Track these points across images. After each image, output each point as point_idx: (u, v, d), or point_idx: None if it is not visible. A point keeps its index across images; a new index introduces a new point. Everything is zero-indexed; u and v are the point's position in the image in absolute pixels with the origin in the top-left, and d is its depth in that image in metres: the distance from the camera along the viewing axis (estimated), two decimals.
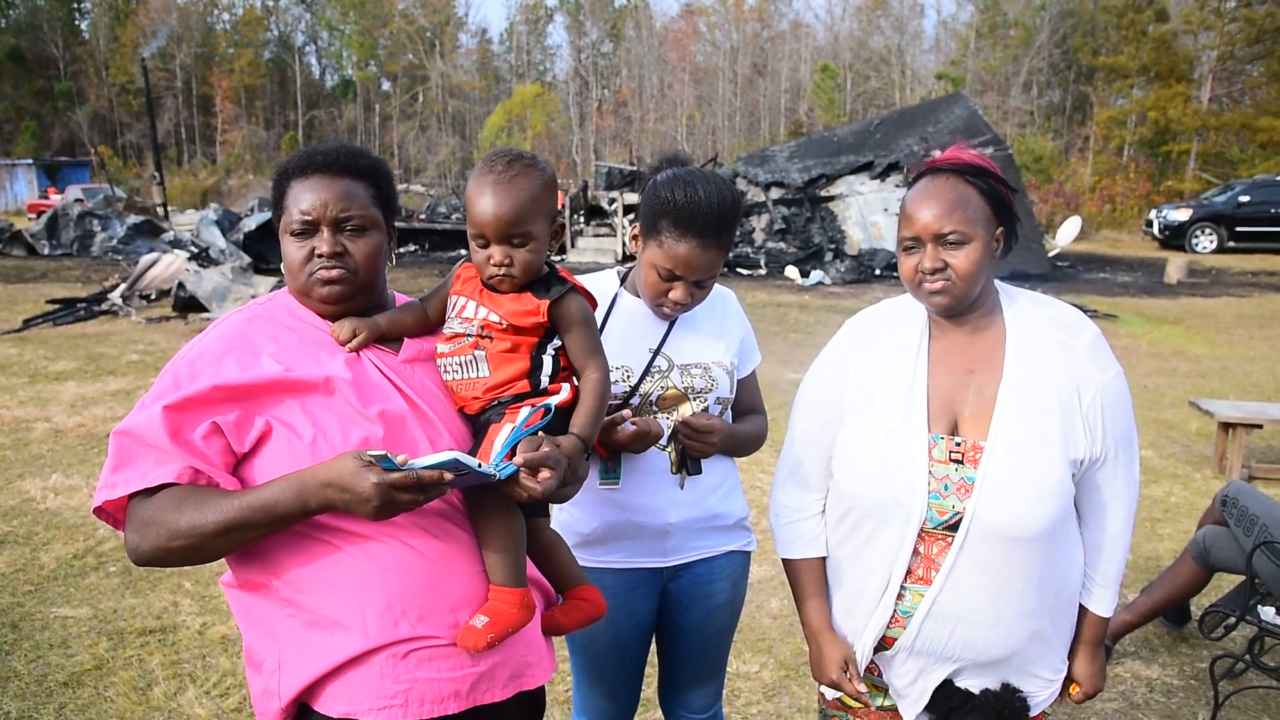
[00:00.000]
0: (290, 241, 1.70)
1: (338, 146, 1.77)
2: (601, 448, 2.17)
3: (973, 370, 1.92)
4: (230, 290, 13.02)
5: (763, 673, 3.92)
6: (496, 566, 1.64)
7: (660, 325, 2.26)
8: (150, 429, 1.54)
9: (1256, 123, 37.88)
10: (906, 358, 1.96)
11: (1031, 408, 1.85)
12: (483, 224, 1.69)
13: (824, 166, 21.25)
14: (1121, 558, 2.01)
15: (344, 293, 1.70)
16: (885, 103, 52.28)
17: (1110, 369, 1.90)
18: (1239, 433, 6.51)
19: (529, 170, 1.71)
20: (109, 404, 8.03)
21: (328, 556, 1.58)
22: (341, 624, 1.57)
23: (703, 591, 2.37)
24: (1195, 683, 3.89)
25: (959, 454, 1.87)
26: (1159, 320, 14.54)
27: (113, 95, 63.09)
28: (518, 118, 59.22)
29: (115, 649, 3.94)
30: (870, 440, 1.94)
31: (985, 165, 1.87)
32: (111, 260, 20.41)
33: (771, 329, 12.75)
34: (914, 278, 1.88)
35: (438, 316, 1.82)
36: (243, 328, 1.69)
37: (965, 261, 1.82)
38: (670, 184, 2.09)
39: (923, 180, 1.89)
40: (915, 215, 1.85)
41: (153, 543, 1.52)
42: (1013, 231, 1.92)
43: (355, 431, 1.58)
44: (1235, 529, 3.85)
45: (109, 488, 1.56)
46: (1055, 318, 1.94)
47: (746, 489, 5.95)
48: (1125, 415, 1.93)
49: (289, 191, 1.72)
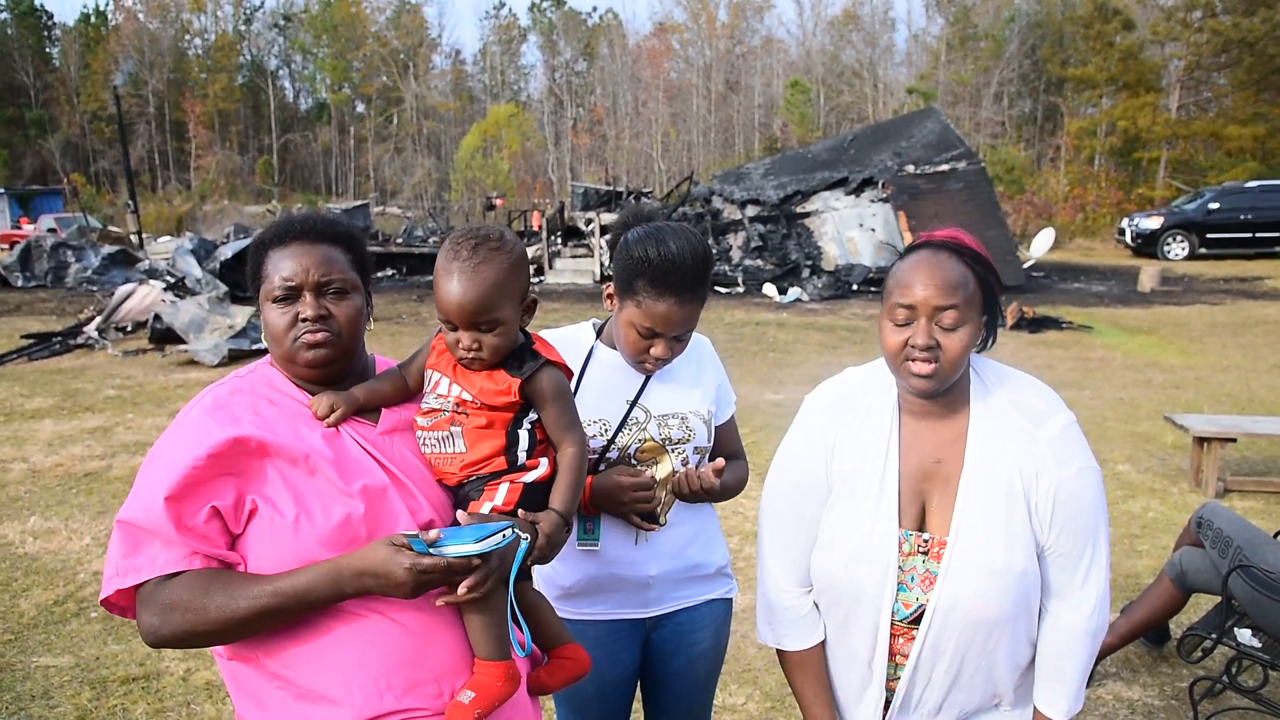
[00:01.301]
0: (273, 309, 1.71)
1: (313, 215, 1.80)
2: (592, 508, 2.19)
3: (940, 460, 1.89)
4: (207, 321, 12.95)
5: (749, 705, 3.93)
6: (480, 640, 1.65)
7: (637, 377, 2.28)
8: (154, 520, 1.55)
9: (1224, 131, 38.46)
10: (878, 446, 1.91)
11: (992, 499, 1.83)
12: (448, 311, 1.69)
13: (799, 183, 21.42)
14: (1082, 659, 1.91)
15: (329, 356, 1.72)
16: (858, 116, 52.75)
17: (1071, 464, 1.83)
18: (1214, 447, 6.58)
19: (495, 254, 1.71)
20: (87, 442, 7.97)
21: (312, 631, 1.59)
22: (330, 699, 1.58)
23: (685, 640, 2.39)
24: (1176, 703, 3.93)
25: (926, 549, 1.89)
26: (1134, 330, 14.70)
27: (85, 122, 62.86)
28: (493, 138, 59.28)
29: (98, 699, 3.91)
30: (843, 530, 1.93)
31: (984, 254, 1.84)
32: (86, 291, 20.24)
33: (750, 349, 12.81)
34: (900, 353, 1.81)
35: (416, 384, 1.83)
36: (225, 400, 1.70)
37: (958, 345, 1.78)
38: (642, 242, 2.11)
39: (921, 252, 1.83)
40: (913, 285, 1.78)
41: (177, 627, 1.53)
42: (994, 325, 1.88)
43: (337, 509, 1.59)
44: (1210, 551, 3.90)
45: (120, 575, 1.57)
46: (1025, 404, 1.88)
47: (726, 528, 5.94)
48: (1083, 515, 1.84)
49: (267, 260, 1.74)
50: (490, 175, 54.51)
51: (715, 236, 21.05)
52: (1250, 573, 3.58)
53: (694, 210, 22.10)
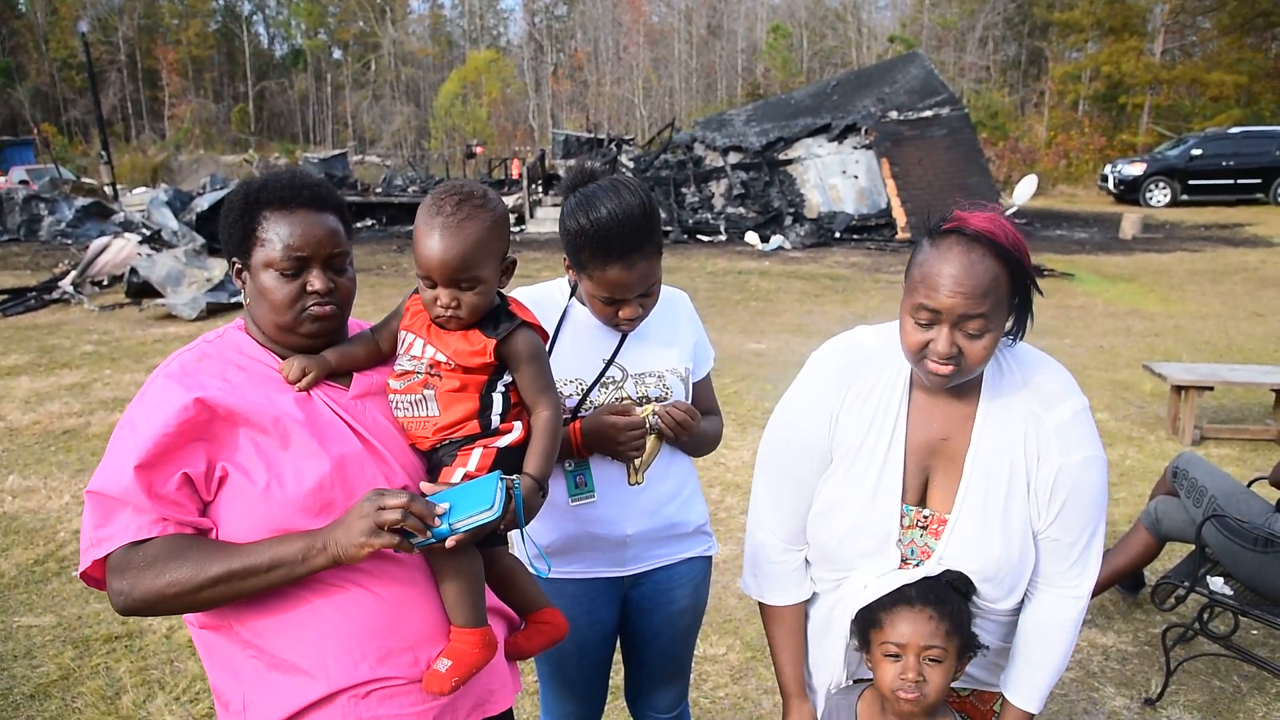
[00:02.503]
0: (273, 277, 1.66)
1: (315, 180, 1.73)
2: (584, 451, 2.18)
3: (946, 438, 1.85)
4: (185, 274, 12.81)
5: (729, 655, 3.97)
6: (455, 607, 1.65)
7: (613, 335, 2.26)
8: (124, 489, 1.54)
9: (1207, 76, 38.28)
10: (885, 420, 1.86)
11: (995, 482, 1.80)
12: (429, 267, 1.67)
13: (781, 130, 21.26)
14: (1062, 648, 1.89)
15: (332, 327, 1.71)
16: (842, 61, 52.25)
17: (1076, 452, 1.78)
18: (1191, 395, 6.64)
19: (478, 211, 1.69)
20: (64, 399, 7.91)
21: (285, 600, 1.58)
22: (303, 669, 1.58)
23: (664, 598, 2.40)
24: (1149, 649, 4.00)
25: (925, 523, 1.87)
26: (1115, 278, 14.75)
27: (54, 70, 61.54)
28: (473, 84, 58.51)
29: (81, 657, 3.92)
30: (844, 500, 1.90)
31: (1022, 246, 1.70)
32: (61, 245, 19.99)
33: (732, 298, 12.78)
34: (919, 352, 1.73)
35: (389, 347, 1.80)
36: (193, 367, 1.67)
37: (981, 352, 1.70)
38: (574, 213, 2.04)
39: (952, 245, 1.68)
40: (940, 289, 1.65)
41: (147, 592, 1.52)
42: (1024, 318, 1.79)
43: (309, 475, 1.58)
44: (1185, 500, 3.94)
45: (95, 546, 1.56)
46: (1039, 386, 1.82)
47: (708, 479, 5.96)
48: (1083, 505, 1.81)
49: (266, 223, 1.66)
50: (470, 123, 53.90)
51: (697, 184, 20.93)
52: (1223, 522, 3.62)
53: (676, 157, 21.93)
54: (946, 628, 1.77)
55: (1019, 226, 1.82)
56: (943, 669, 1.78)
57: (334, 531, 1.52)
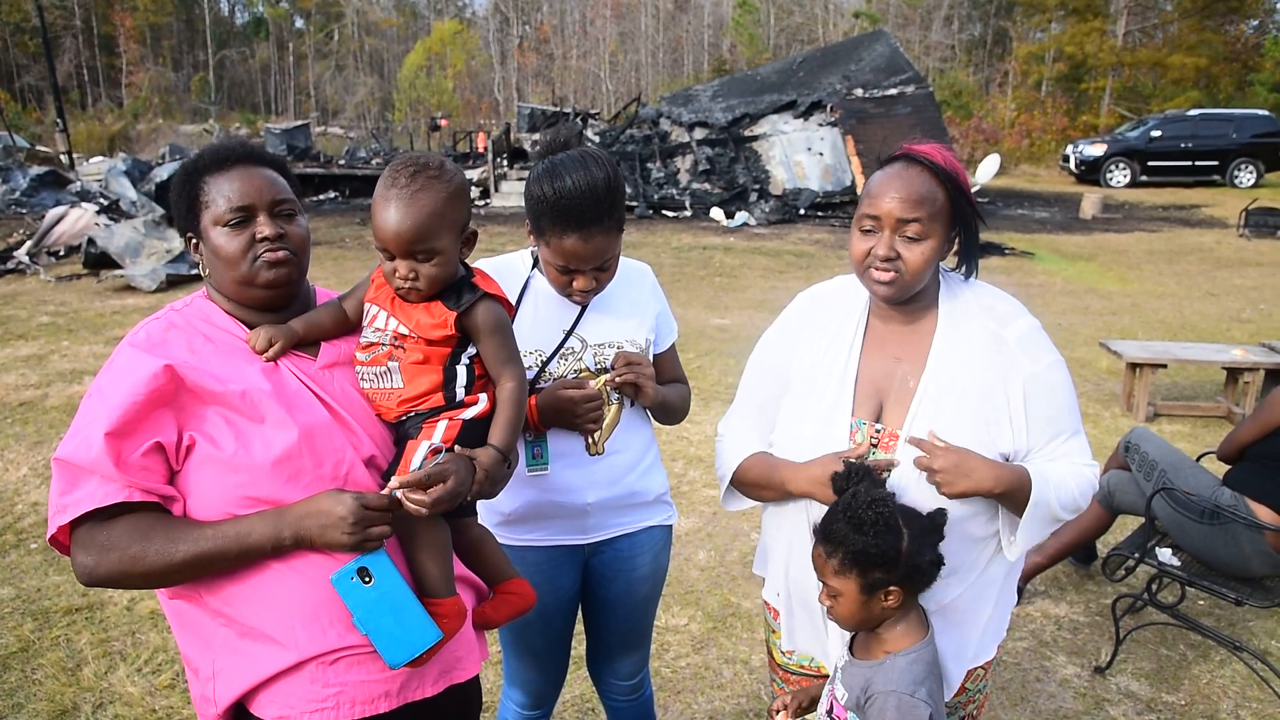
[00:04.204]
0: (223, 233, 1.67)
1: (247, 141, 1.76)
2: (541, 426, 2.20)
3: (900, 359, 1.96)
4: (144, 245, 12.62)
5: (691, 625, 4.03)
6: (424, 578, 1.67)
7: (574, 306, 2.28)
8: (93, 457, 1.53)
9: (1168, 59, 38.76)
10: (842, 342, 2.00)
11: (950, 398, 1.88)
12: (385, 239, 1.68)
13: (747, 106, 21.23)
14: (1070, 481, 1.89)
15: (289, 274, 1.70)
16: (808, 38, 52.15)
17: (1041, 359, 1.91)
18: (1145, 372, 6.78)
19: (434, 182, 1.68)
20: (21, 370, 7.79)
21: (253, 569, 1.59)
22: (273, 637, 1.59)
23: (625, 566, 2.43)
24: (1100, 619, 4.10)
25: (878, 439, 1.93)
26: (1074, 257, 14.95)
27: (7, 35, 59.92)
28: (437, 56, 57.83)
29: (41, 629, 3.90)
30: (800, 419, 2.00)
31: (959, 171, 1.88)
32: (15, 214, 19.55)
33: (698, 274, 12.81)
34: (864, 261, 1.90)
35: (356, 317, 1.81)
36: (160, 336, 1.67)
37: (918, 257, 1.85)
38: (539, 180, 2.06)
39: (895, 165, 1.89)
40: (881, 197, 1.85)
41: (113, 566, 1.53)
42: (971, 250, 1.93)
43: (276, 444, 1.59)
44: (1137, 474, 4.04)
45: (62, 511, 1.56)
46: (993, 308, 1.96)
47: (670, 452, 5.99)
48: (1060, 404, 1.91)
49: (207, 186, 1.68)
50: (435, 95, 53.29)
51: (663, 159, 20.88)
52: (1172, 495, 3.72)
53: (642, 133, 21.86)
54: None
55: (981, 205, 1.93)
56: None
57: (303, 522, 1.55)
